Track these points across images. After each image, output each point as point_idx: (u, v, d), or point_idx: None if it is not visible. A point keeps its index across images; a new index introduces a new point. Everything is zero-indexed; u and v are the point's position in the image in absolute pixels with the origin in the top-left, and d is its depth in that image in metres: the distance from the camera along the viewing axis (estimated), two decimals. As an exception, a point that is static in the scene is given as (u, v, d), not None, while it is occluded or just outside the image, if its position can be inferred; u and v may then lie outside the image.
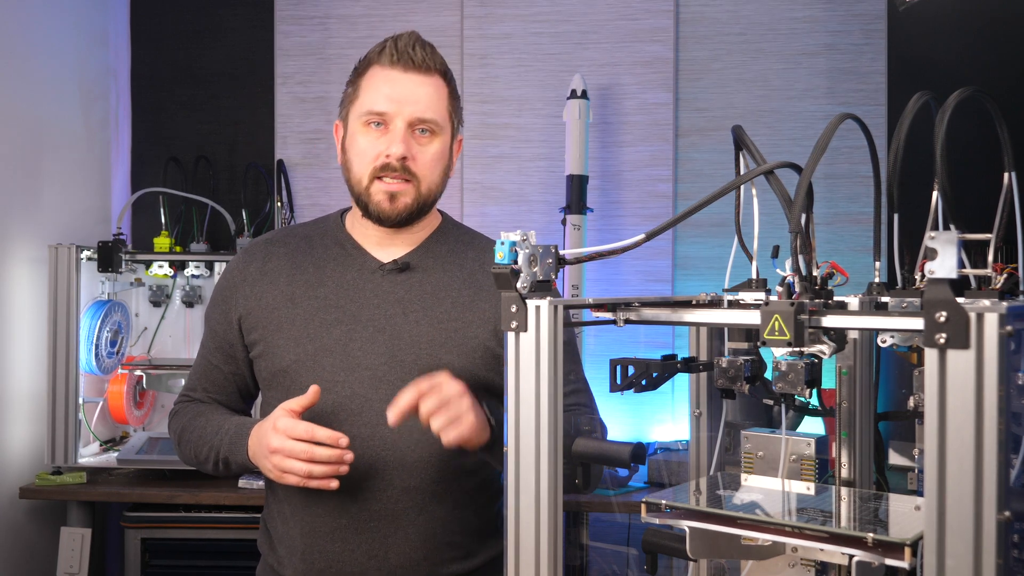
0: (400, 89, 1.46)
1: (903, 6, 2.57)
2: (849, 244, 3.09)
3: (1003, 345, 0.72)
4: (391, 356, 1.47)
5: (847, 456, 1.14)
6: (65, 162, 3.00)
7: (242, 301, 1.53)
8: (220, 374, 1.58)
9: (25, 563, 2.76)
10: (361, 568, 1.46)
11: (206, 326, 1.61)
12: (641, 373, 1.03)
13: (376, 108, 1.46)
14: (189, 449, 1.54)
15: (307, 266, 1.54)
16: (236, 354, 1.56)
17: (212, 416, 1.54)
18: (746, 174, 0.99)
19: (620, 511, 2.70)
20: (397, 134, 1.46)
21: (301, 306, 1.50)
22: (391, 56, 1.47)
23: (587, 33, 3.23)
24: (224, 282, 1.58)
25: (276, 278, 1.53)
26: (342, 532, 1.46)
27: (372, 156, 1.47)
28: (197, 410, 1.57)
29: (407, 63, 1.47)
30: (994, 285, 0.97)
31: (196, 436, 1.52)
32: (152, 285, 3.01)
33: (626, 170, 3.22)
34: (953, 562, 0.74)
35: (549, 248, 0.96)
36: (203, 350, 1.60)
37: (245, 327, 1.53)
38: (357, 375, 1.47)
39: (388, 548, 1.46)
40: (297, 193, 3.30)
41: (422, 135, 1.48)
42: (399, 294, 1.51)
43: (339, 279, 1.52)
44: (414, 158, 1.47)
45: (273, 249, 1.57)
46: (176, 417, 1.60)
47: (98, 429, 2.90)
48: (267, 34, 3.35)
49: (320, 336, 1.48)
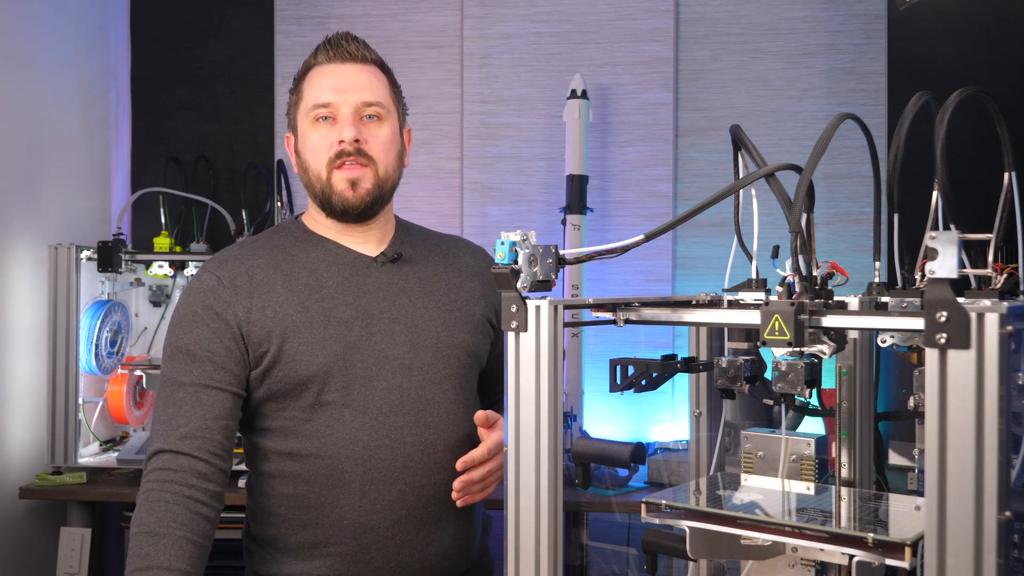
0: (341, 79, 1.50)
1: (903, 6, 2.57)
2: (849, 244, 3.09)
3: (1003, 345, 0.72)
4: (413, 343, 1.50)
5: (847, 456, 1.14)
6: (65, 162, 3.00)
7: (242, 314, 1.45)
8: (220, 397, 1.43)
9: (25, 563, 2.76)
10: (421, 555, 1.47)
11: (188, 353, 1.44)
12: (641, 373, 1.03)
13: (321, 100, 1.49)
14: (127, 560, 1.36)
15: (298, 271, 1.51)
16: (238, 372, 1.45)
17: (154, 566, 1.31)
18: (747, 177, 0.99)
19: (620, 511, 2.69)
20: (346, 120, 1.48)
21: (312, 309, 1.48)
22: (327, 52, 1.52)
23: (587, 33, 3.23)
24: (206, 303, 1.46)
25: (272, 288, 1.48)
26: (402, 524, 1.46)
27: (326, 147, 1.49)
28: (158, 520, 1.35)
29: (343, 56, 1.52)
30: (994, 285, 0.97)
31: (130, 571, 1.33)
32: (152, 285, 3.01)
33: (626, 170, 3.22)
34: (953, 562, 0.74)
35: (549, 248, 0.96)
36: (187, 379, 1.42)
37: (252, 341, 1.45)
38: (388, 367, 1.48)
39: (443, 531, 1.49)
40: (297, 193, 3.30)
41: (370, 120, 1.51)
42: (399, 284, 1.54)
43: (337, 277, 1.52)
44: (366, 140, 1.50)
45: (251, 262, 1.51)
46: (143, 501, 1.37)
47: (98, 429, 2.90)
48: (267, 34, 3.35)
49: (343, 335, 1.47)
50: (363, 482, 1.45)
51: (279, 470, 1.48)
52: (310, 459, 1.45)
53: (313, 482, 1.45)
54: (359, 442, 1.45)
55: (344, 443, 1.45)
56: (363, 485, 1.45)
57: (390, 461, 1.45)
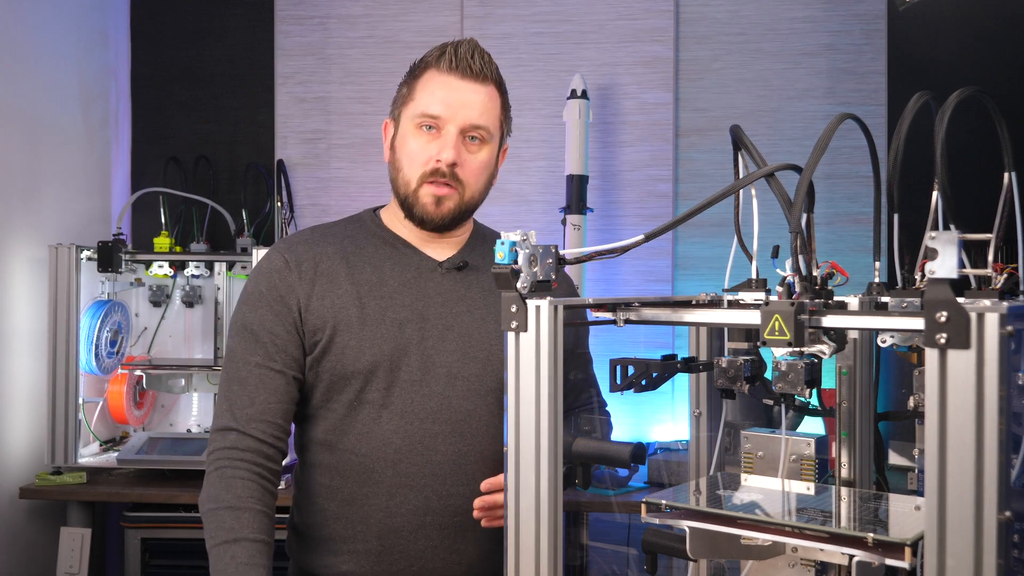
0: (455, 95, 1.48)
1: (903, 6, 2.57)
2: (849, 244, 3.09)
3: (1003, 345, 0.72)
4: (463, 353, 1.50)
5: (847, 456, 1.14)
6: (65, 162, 3.00)
7: (304, 300, 1.48)
8: (284, 379, 1.47)
9: (25, 563, 2.76)
10: (443, 564, 1.47)
11: (253, 333, 1.48)
12: (641, 373, 1.03)
13: (431, 111, 1.48)
14: (207, 534, 1.42)
15: (363, 266, 1.53)
16: (299, 356, 1.49)
17: (241, 538, 1.38)
18: (747, 177, 0.99)
19: (620, 511, 2.70)
20: (449, 139, 1.47)
21: (369, 306, 1.49)
22: (450, 62, 1.49)
23: (587, 33, 3.23)
24: (271, 283, 1.50)
25: (335, 278, 1.50)
26: (426, 530, 1.47)
27: (423, 160, 1.48)
28: (237, 497, 1.41)
29: (464, 70, 1.48)
30: (994, 285, 0.97)
31: (216, 544, 1.39)
32: (152, 285, 3.01)
33: (626, 170, 3.22)
34: (953, 562, 0.74)
35: (549, 248, 0.96)
36: (254, 359, 1.47)
37: (308, 328, 1.48)
38: (434, 373, 1.48)
39: (468, 542, 1.48)
40: (297, 193, 3.30)
41: (472, 142, 1.50)
42: (460, 292, 1.53)
43: (400, 278, 1.52)
44: (463, 165, 1.49)
45: (320, 249, 1.53)
46: (217, 478, 1.43)
47: (98, 429, 2.90)
48: (267, 34, 3.35)
49: (395, 336, 1.48)
50: (391, 484, 1.46)
51: (319, 460, 1.51)
52: (346, 454, 1.48)
53: (347, 476, 1.48)
54: (391, 444, 1.46)
55: (378, 444, 1.46)
56: (391, 487, 1.46)
57: (420, 467, 1.46)
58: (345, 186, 3.32)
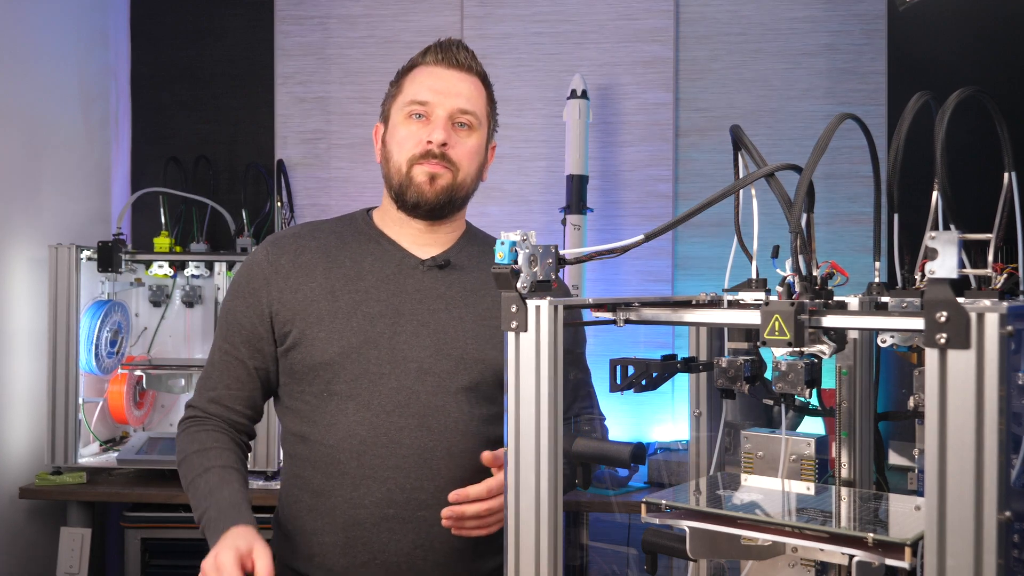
0: (442, 83, 1.54)
1: (903, 6, 2.57)
2: (849, 244, 3.09)
3: (1003, 345, 0.72)
4: (436, 350, 1.50)
5: (847, 456, 1.14)
6: (65, 162, 3.00)
7: (275, 294, 1.53)
8: (244, 369, 1.54)
9: (25, 563, 2.76)
10: (408, 558, 1.47)
11: (226, 321, 1.56)
12: (641, 373, 1.03)
13: (419, 98, 1.52)
14: (184, 483, 1.52)
15: (343, 260, 1.55)
16: (264, 348, 1.54)
17: (211, 467, 1.49)
18: (747, 177, 0.99)
19: (620, 511, 2.70)
20: (438, 122, 1.51)
21: (342, 299, 1.51)
22: (436, 54, 1.56)
23: (587, 33, 3.23)
24: (250, 275, 1.56)
25: (311, 271, 1.54)
26: (388, 523, 1.47)
27: (413, 143, 1.52)
28: (202, 443, 1.51)
29: (451, 61, 1.55)
30: (994, 285, 0.97)
31: (190, 482, 1.50)
32: (152, 285, 3.01)
33: (626, 170, 3.22)
34: (953, 562, 0.74)
35: (549, 248, 0.96)
36: (224, 345, 1.55)
37: (279, 320, 1.52)
38: (403, 368, 1.49)
39: (433, 537, 1.47)
40: (297, 193, 3.30)
41: (461, 128, 1.54)
42: (440, 290, 1.54)
43: (379, 273, 1.54)
44: (453, 146, 1.52)
45: (303, 243, 1.57)
46: (184, 436, 1.54)
47: (98, 429, 2.90)
48: (267, 34, 3.35)
49: (364, 329, 1.49)
50: (356, 476, 1.47)
51: (295, 451, 1.54)
52: (316, 446, 1.49)
53: (317, 468, 1.50)
54: (356, 436, 1.47)
55: (343, 435, 1.47)
56: (356, 479, 1.47)
57: (384, 459, 1.46)
58: (345, 186, 3.32)
